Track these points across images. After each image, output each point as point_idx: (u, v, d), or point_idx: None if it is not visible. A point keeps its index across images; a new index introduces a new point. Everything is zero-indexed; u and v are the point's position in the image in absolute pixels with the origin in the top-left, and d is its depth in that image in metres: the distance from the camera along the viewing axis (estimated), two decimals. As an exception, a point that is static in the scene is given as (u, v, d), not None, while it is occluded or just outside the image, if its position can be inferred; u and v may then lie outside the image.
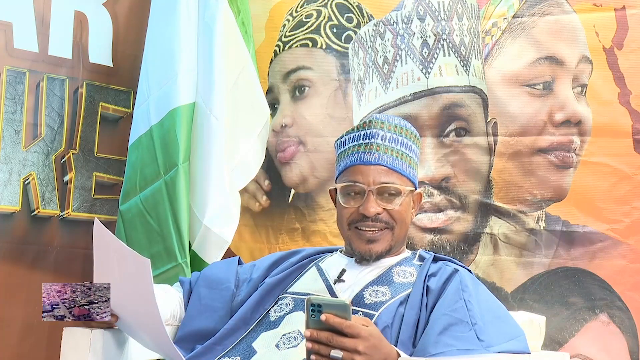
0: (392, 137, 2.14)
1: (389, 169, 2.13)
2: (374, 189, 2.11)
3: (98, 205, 3.23)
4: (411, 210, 2.19)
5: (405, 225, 2.16)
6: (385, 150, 2.13)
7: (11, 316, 2.98)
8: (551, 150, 2.86)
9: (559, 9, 2.87)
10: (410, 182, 2.17)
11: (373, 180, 2.12)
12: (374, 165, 2.12)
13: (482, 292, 2.11)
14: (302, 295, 2.11)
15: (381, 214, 2.11)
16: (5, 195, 2.98)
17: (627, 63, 2.76)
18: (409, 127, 2.19)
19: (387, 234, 2.13)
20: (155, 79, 3.06)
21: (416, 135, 2.21)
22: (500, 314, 2.08)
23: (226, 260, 2.38)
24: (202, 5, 3.05)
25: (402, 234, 2.17)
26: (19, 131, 3.02)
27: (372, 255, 2.14)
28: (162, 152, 3.00)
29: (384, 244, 2.13)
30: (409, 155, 2.15)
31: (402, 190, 2.13)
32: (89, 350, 2.01)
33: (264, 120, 3.16)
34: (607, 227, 2.77)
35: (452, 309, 2.00)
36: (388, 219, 2.12)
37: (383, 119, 2.17)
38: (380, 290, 2.09)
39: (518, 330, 2.06)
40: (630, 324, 2.74)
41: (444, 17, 3.03)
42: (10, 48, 2.99)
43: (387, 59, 3.10)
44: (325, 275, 2.16)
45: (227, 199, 3.00)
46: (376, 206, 2.11)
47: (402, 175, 2.14)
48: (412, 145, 2.17)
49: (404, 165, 2.14)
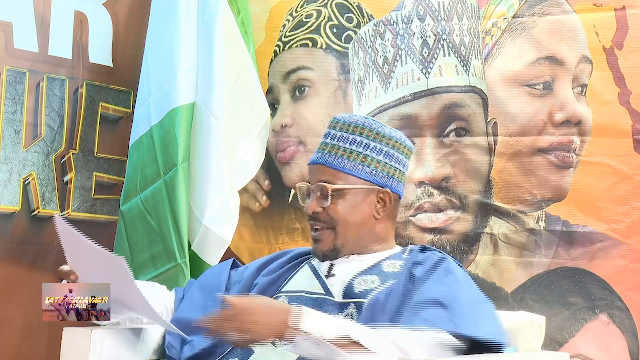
0: (341, 136, 2.14)
1: (330, 168, 2.12)
2: (314, 188, 2.12)
3: (98, 205, 3.23)
4: (374, 209, 2.14)
5: (350, 224, 2.13)
6: (331, 149, 2.13)
7: (11, 316, 2.99)
8: (551, 150, 2.86)
9: (559, 9, 2.87)
10: (366, 181, 2.13)
11: (314, 179, 2.13)
12: (316, 164, 2.14)
13: (467, 281, 2.09)
14: (296, 293, 2.12)
15: (320, 212, 2.12)
16: (5, 195, 2.98)
17: (627, 63, 2.76)
18: (369, 126, 2.15)
19: (328, 234, 2.13)
20: (155, 79, 3.06)
21: (381, 133, 2.15)
22: (481, 304, 2.06)
23: (219, 265, 2.39)
24: (202, 5, 3.05)
25: (350, 234, 2.13)
26: (19, 131, 3.02)
27: (319, 255, 2.15)
28: (162, 152, 3.01)
29: (326, 244, 2.13)
30: (364, 154, 2.12)
31: (345, 189, 2.11)
32: (89, 350, 2.01)
33: (264, 120, 3.16)
34: (607, 227, 2.77)
35: (432, 292, 2.00)
36: (326, 218, 2.12)
37: (339, 118, 2.17)
38: (370, 279, 2.09)
39: (497, 323, 2.03)
40: (630, 324, 2.74)
41: (444, 17, 3.03)
42: (10, 48, 2.99)
43: (387, 59, 3.10)
44: (317, 272, 2.16)
45: (227, 199, 3.00)
46: (314, 205, 2.12)
47: (349, 174, 2.12)
48: (371, 143, 2.13)
49: (353, 164, 2.12)
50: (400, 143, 2.17)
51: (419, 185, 3.03)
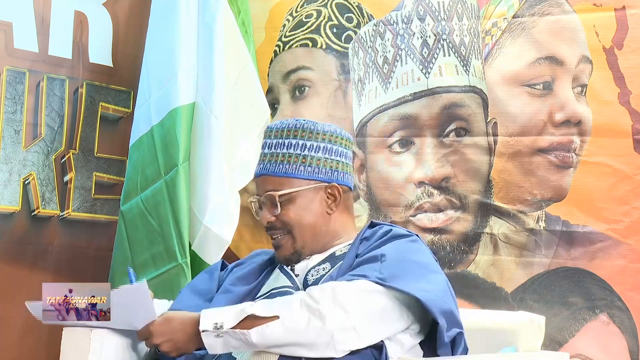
0: (277, 143, 2.16)
1: (274, 176, 2.14)
2: (263, 199, 2.15)
3: (98, 205, 3.23)
4: (326, 206, 2.16)
5: (305, 226, 2.14)
6: (270, 157, 2.15)
7: (11, 316, 2.98)
8: (551, 150, 2.86)
9: (559, 9, 2.87)
10: (310, 180, 2.14)
11: (262, 190, 2.16)
12: (260, 176, 2.17)
13: (414, 245, 2.08)
14: (267, 293, 2.14)
15: (274, 221, 2.14)
16: (5, 195, 2.98)
17: (627, 63, 2.76)
18: (301, 127, 2.16)
19: (287, 239, 2.15)
20: (156, 79, 3.06)
21: (315, 131, 2.15)
22: (421, 265, 2.03)
23: (208, 270, 2.38)
24: (202, 5, 3.05)
25: (307, 234, 2.15)
26: (19, 131, 3.02)
27: (282, 261, 2.17)
28: (162, 152, 3.01)
29: (287, 249, 2.15)
30: (303, 155, 2.13)
31: (292, 192, 2.13)
32: (89, 350, 2.01)
33: (264, 120, 3.16)
34: (607, 227, 2.77)
35: (371, 253, 2.02)
36: (281, 225, 2.14)
37: (272, 126, 2.19)
38: (322, 267, 2.13)
39: (432, 284, 1.99)
40: (630, 324, 2.74)
41: (444, 17, 3.03)
42: (10, 48, 2.99)
43: (387, 59, 3.10)
44: (286, 271, 2.19)
45: (227, 199, 3.00)
46: (267, 215, 2.14)
47: (292, 178, 2.13)
48: (307, 143, 2.13)
49: (294, 167, 2.13)
50: (336, 136, 2.18)
51: (419, 185, 3.04)
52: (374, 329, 1.92)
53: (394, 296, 1.94)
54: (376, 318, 1.93)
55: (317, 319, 1.87)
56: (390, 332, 1.96)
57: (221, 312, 1.93)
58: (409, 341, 2.00)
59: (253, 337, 1.87)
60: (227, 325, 1.89)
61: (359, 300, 1.90)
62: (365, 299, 1.92)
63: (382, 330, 1.94)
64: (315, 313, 1.87)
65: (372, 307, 1.92)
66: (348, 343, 1.89)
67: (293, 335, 1.88)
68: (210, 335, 1.90)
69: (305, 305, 1.89)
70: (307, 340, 1.88)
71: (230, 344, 1.90)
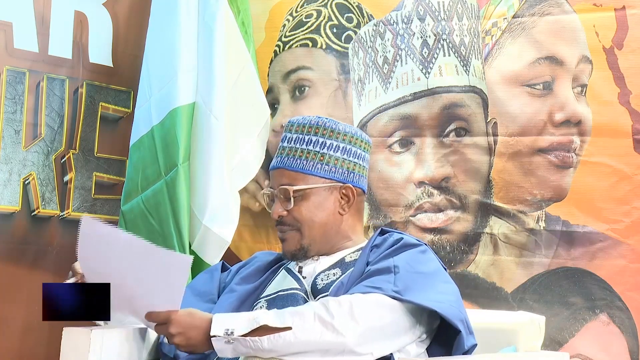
0: (298, 138, 2.16)
1: (290, 170, 2.14)
2: (277, 192, 2.14)
3: (98, 205, 3.23)
4: (338, 206, 2.16)
5: (316, 224, 2.14)
6: (289, 152, 2.15)
7: (11, 316, 2.98)
8: (551, 150, 2.86)
9: (559, 9, 2.87)
10: (326, 179, 2.15)
11: (276, 183, 2.15)
12: (276, 169, 2.16)
13: (424, 254, 2.09)
14: (273, 295, 2.13)
15: (285, 216, 2.14)
16: (5, 195, 2.98)
17: (627, 63, 2.76)
18: (323, 125, 2.16)
19: (294, 235, 2.14)
20: (156, 79, 3.06)
21: (336, 130, 2.16)
22: (433, 275, 2.04)
23: (209, 271, 2.38)
24: (202, 5, 3.05)
25: (316, 233, 2.15)
26: (19, 131, 3.02)
27: (287, 255, 2.17)
28: (163, 152, 3.01)
29: (293, 243, 2.15)
30: (322, 153, 2.13)
31: (306, 189, 2.13)
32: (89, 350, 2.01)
33: (264, 120, 3.16)
34: (607, 227, 2.77)
35: (382, 263, 2.02)
36: (292, 221, 2.14)
37: (293, 121, 2.19)
38: (332, 272, 2.12)
39: (446, 294, 2.01)
40: (630, 324, 2.74)
41: (444, 17, 3.03)
42: (10, 48, 2.99)
43: (387, 59, 3.10)
44: (292, 271, 2.18)
45: (227, 199, 3.00)
46: (279, 209, 2.14)
47: (309, 175, 2.13)
48: (328, 141, 2.14)
49: (311, 164, 2.13)
50: (357, 138, 2.19)
51: (419, 185, 3.04)
52: (387, 344, 1.94)
53: (408, 309, 1.96)
54: (390, 333, 1.94)
55: (331, 332, 1.87)
56: (402, 345, 1.98)
57: (233, 319, 1.92)
58: (415, 350, 2.01)
59: (265, 344, 1.87)
60: (238, 332, 1.88)
61: (375, 315, 1.91)
62: (381, 314, 1.93)
63: (395, 344, 1.96)
64: (328, 327, 1.87)
65: (387, 322, 1.93)
66: (360, 358, 1.90)
67: (305, 346, 1.88)
68: (221, 341, 1.89)
69: (319, 318, 1.88)
70: (320, 350, 1.88)
71: (240, 350, 1.90)
